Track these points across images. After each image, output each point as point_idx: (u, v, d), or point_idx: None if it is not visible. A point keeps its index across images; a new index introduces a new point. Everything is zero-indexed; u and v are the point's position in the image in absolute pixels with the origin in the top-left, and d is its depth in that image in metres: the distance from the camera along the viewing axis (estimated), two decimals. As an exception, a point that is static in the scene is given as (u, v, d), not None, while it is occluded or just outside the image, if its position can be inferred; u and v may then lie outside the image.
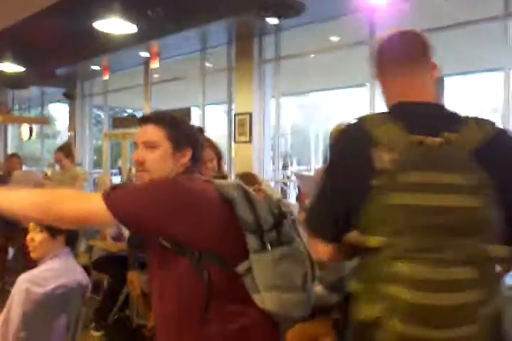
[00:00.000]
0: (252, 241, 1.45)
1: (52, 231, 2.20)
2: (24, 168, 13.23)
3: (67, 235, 2.28)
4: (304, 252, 1.54)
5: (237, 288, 1.46)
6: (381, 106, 1.43)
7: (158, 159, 1.53)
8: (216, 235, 1.46)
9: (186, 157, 1.56)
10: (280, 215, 1.52)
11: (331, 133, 1.48)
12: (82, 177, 5.28)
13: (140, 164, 1.54)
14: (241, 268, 1.46)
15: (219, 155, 2.40)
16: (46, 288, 2.11)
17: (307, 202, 2.61)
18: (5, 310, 2.10)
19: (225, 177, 2.39)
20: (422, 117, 1.28)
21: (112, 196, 1.42)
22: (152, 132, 1.55)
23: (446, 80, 4.94)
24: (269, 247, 1.46)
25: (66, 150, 5.29)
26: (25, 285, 2.09)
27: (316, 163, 19.12)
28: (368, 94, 6.23)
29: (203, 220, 1.44)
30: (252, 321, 1.47)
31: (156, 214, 1.41)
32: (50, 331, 2.20)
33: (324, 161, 1.41)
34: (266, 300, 1.44)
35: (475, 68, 8.80)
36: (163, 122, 1.56)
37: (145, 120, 1.59)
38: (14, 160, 6.30)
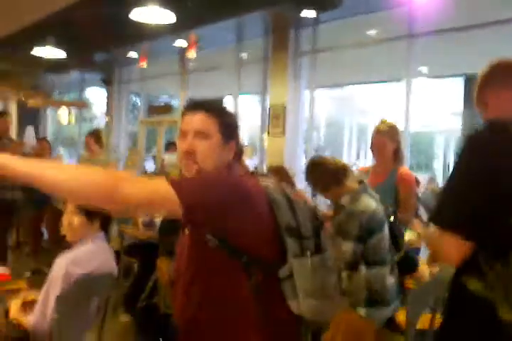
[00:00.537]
0: (293, 245, 1.43)
1: (89, 215, 2.23)
2: (59, 150, 13.54)
3: (103, 219, 2.32)
4: (334, 262, 1.53)
5: (274, 292, 1.44)
6: (415, 102, 1.54)
7: (210, 150, 1.46)
8: (261, 236, 1.43)
9: (232, 150, 1.52)
10: (319, 223, 1.51)
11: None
12: (112, 164, 5.39)
13: (189, 154, 1.46)
14: (283, 272, 1.43)
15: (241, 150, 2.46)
16: (84, 270, 2.16)
17: None
18: (43, 291, 2.16)
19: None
20: None
21: (177, 181, 1.34)
22: (204, 121, 1.47)
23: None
24: (309, 254, 1.44)
25: (96, 136, 5.39)
26: (65, 266, 2.14)
27: (348, 156, 18.91)
28: (404, 90, 6.16)
29: (254, 220, 1.41)
30: (285, 324, 1.47)
31: (217, 203, 1.34)
32: (82, 313, 2.26)
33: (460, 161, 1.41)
34: (303, 306, 1.43)
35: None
36: (216, 111, 1.49)
37: (196, 107, 1.51)
38: (44, 144, 6.25)
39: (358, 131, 19.76)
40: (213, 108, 1.50)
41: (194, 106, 1.52)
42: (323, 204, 4.08)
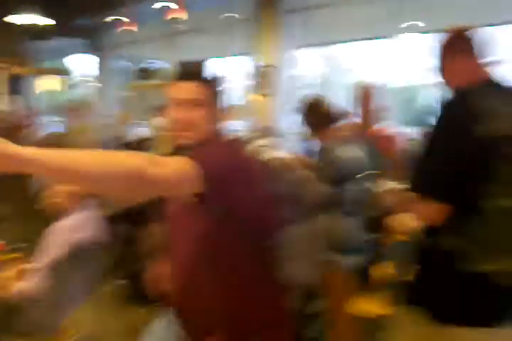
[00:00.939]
0: (288, 213, 1.55)
1: None
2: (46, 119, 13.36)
3: None
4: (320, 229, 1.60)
5: (269, 257, 1.52)
6: (404, 58, 1.68)
7: (205, 118, 1.47)
8: (261, 204, 1.49)
9: (221, 116, 1.53)
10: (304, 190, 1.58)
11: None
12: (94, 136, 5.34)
13: (185, 123, 1.46)
14: (274, 239, 1.52)
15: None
16: (80, 236, 2.22)
17: None
18: (39, 258, 2.20)
19: None
20: None
21: (197, 157, 1.31)
22: (198, 90, 1.48)
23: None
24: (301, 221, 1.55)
25: (80, 109, 5.24)
26: (62, 232, 2.19)
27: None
28: (392, 46, 6.18)
29: (255, 188, 1.47)
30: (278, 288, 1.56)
31: (232, 176, 1.37)
32: (76, 280, 2.31)
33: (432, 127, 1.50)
34: (293, 268, 1.53)
35: None
36: (208, 79, 1.50)
37: (188, 76, 1.50)
38: (30, 115, 6.14)
39: (347, 89, 19.64)
40: (205, 76, 1.51)
41: (186, 74, 1.51)
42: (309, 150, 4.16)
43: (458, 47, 1.64)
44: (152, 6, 8.18)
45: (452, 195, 1.40)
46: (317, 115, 2.53)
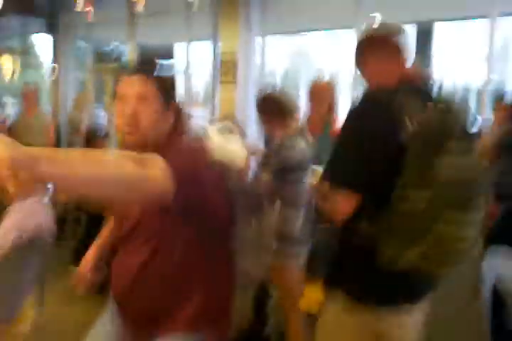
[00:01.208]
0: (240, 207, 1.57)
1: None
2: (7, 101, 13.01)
3: None
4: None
5: (223, 253, 1.59)
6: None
7: (153, 114, 1.44)
8: (219, 203, 1.51)
9: (173, 112, 1.51)
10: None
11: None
12: (49, 120, 5.21)
13: (133, 118, 1.43)
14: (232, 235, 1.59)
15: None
16: (27, 224, 2.18)
17: None
18: None
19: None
20: None
21: (169, 159, 1.30)
22: (143, 83, 1.44)
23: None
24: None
25: (32, 93, 5.05)
26: (8, 221, 2.16)
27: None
28: (354, 37, 6.21)
29: (218, 186, 1.50)
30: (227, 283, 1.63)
31: (197, 177, 1.38)
32: (20, 277, 2.27)
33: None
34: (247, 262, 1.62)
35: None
36: (153, 73, 1.47)
37: (133, 70, 1.48)
38: None
39: (311, 78, 19.74)
40: (151, 70, 1.49)
41: (132, 69, 1.50)
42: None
43: (379, 47, 1.70)
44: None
45: (364, 185, 1.47)
46: (269, 108, 2.55)
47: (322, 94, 3.24)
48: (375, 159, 1.45)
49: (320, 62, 17.43)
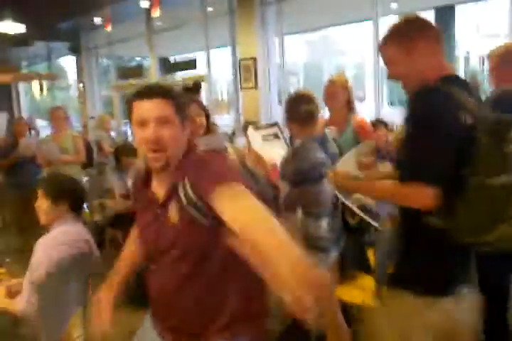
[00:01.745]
0: None
1: (54, 198, 2.25)
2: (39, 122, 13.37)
3: (70, 201, 2.31)
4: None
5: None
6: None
7: (174, 136, 1.43)
8: None
9: (188, 129, 1.50)
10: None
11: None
12: (80, 137, 5.31)
13: (155, 143, 1.41)
14: None
15: (206, 112, 2.45)
16: (60, 253, 2.20)
17: None
18: (26, 277, 2.21)
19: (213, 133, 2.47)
20: None
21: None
22: (161, 107, 1.43)
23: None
24: None
25: (60, 115, 5.15)
26: (42, 251, 2.19)
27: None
28: (372, 29, 6.18)
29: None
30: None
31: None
32: (66, 295, 2.31)
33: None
34: None
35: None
36: (170, 95, 1.46)
37: (150, 94, 1.45)
38: (20, 125, 5.75)
39: (337, 71, 19.64)
40: (168, 92, 1.47)
41: (149, 93, 1.46)
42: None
43: (430, 32, 1.60)
44: (132, 5, 8.16)
45: (442, 179, 1.50)
46: (290, 113, 2.53)
47: (336, 92, 3.22)
48: (451, 151, 1.50)
49: (341, 56, 17.28)
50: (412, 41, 1.58)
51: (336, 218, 2.49)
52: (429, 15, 10.23)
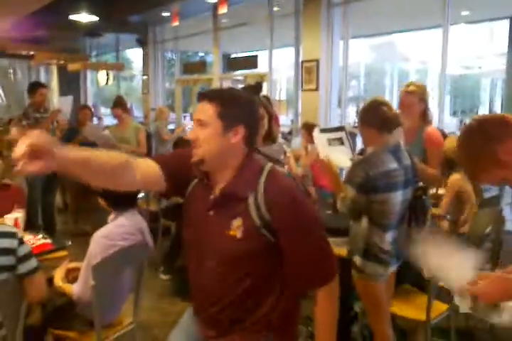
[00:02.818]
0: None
1: (108, 199, 2.40)
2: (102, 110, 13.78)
3: (126, 200, 2.42)
4: None
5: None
6: (456, 46, 1.53)
7: (208, 138, 1.52)
8: None
9: (238, 135, 1.53)
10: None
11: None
12: (143, 129, 5.48)
13: (193, 142, 1.53)
14: None
15: (270, 114, 2.46)
16: (117, 243, 2.30)
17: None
18: (84, 264, 2.30)
19: (274, 139, 2.47)
20: None
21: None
22: (204, 110, 1.52)
23: None
24: None
25: (122, 105, 5.38)
26: (100, 242, 2.29)
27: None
28: (441, 36, 6.03)
29: None
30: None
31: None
32: (119, 280, 2.43)
33: None
34: None
35: None
36: (217, 99, 1.52)
37: (201, 96, 1.56)
38: (85, 111, 6.31)
39: (399, 76, 19.27)
40: (216, 96, 1.54)
41: (201, 95, 1.57)
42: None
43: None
44: (199, 1, 8.31)
45: None
46: (364, 120, 2.48)
47: (413, 103, 3.12)
48: None
49: (404, 62, 16.95)
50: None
51: (402, 231, 2.45)
52: (503, 25, 9.88)
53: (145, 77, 11.38)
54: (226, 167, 1.56)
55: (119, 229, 2.35)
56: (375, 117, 2.36)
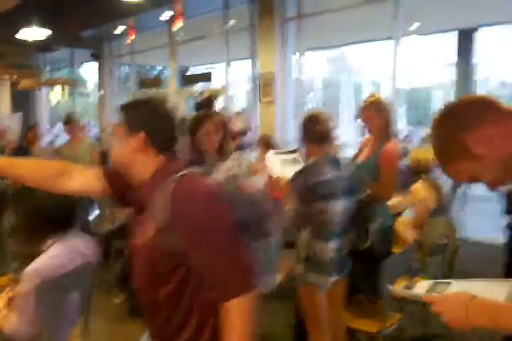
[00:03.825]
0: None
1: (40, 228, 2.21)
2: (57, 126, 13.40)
3: (61, 224, 2.23)
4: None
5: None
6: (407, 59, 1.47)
7: (116, 143, 1.63)
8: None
9: (139, 140, 1.54)
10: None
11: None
12: (96, 146, 5.38)
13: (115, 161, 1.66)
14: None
15: (226, 130, 2.46)
16: (56, 275, 2.09)
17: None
18: (22, 297, 2.08)
19: (225, 154, 2.48)
20: None
21: None
22: (120, 122, 1.62)
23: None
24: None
25: (74, 122, 5.26)
26: (35, 277, 2.05)
27: (348, 118, 18.77)
28: (392, 49, 6.17)
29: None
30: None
31: None
32: (62, 307, 2.25)
33: None
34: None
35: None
36: (124, 108, 1.62)
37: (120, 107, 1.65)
38: (33, 132, 6.18)
39: (354, 89, 19.54)
40: (125, 104, 1.65)
41: (120, 106, 1.66)
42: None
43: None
44: (155, 16, 8.28)
45: None
46: (304, 132, 2.53)
47: (370, 116, 3.06)
48: None
49: (360, 75, 17.27)
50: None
51: (345, 241, 2.47)
52: (452, 37, 10.20)
53: (101, 92, 11.22)
54: (140, 174, 1.57)
55: (51, 261, 2.13)
56: (313, 132, 2.45)
